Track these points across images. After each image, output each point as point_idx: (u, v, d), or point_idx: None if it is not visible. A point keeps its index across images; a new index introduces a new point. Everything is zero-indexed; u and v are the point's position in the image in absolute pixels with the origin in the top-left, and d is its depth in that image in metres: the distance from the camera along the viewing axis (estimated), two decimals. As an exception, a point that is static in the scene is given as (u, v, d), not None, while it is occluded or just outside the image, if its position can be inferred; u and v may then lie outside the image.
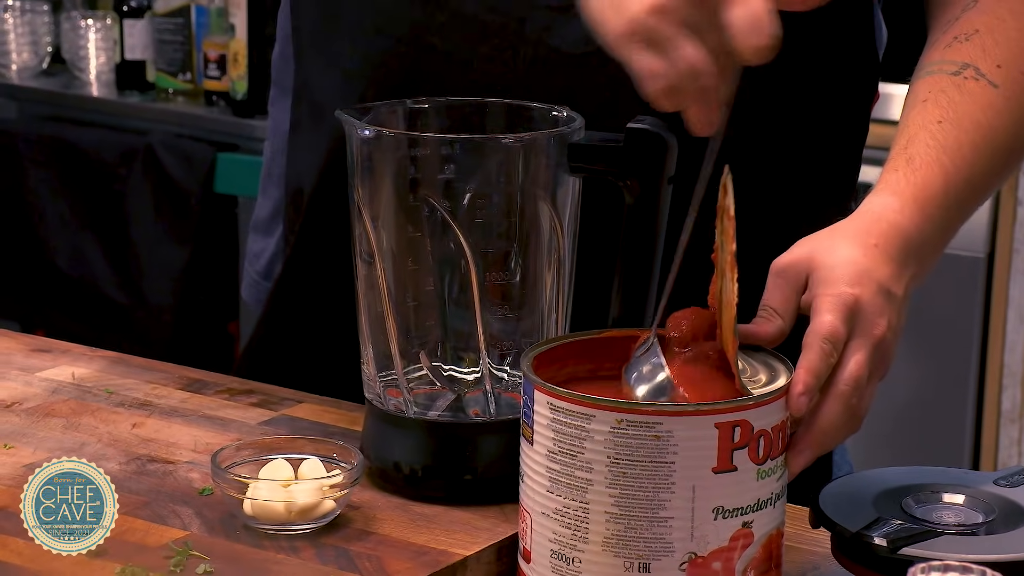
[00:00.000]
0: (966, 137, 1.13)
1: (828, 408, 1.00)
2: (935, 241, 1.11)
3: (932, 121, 1.13)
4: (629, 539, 0.95)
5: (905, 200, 1.09)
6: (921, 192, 1.09)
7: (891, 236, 1.06)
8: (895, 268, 1.05)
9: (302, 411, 1.26)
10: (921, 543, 1.00)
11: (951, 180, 1.11)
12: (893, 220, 1.07)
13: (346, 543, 1.04)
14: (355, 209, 1.11)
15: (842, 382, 1.00)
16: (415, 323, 1.11)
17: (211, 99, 3.09)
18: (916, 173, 1.11)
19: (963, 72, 1.16)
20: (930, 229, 1.09)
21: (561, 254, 1.10)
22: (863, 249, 1.04)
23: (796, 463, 0.99)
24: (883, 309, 1.03)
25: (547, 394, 0.97)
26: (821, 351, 0.99)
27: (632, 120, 1.09)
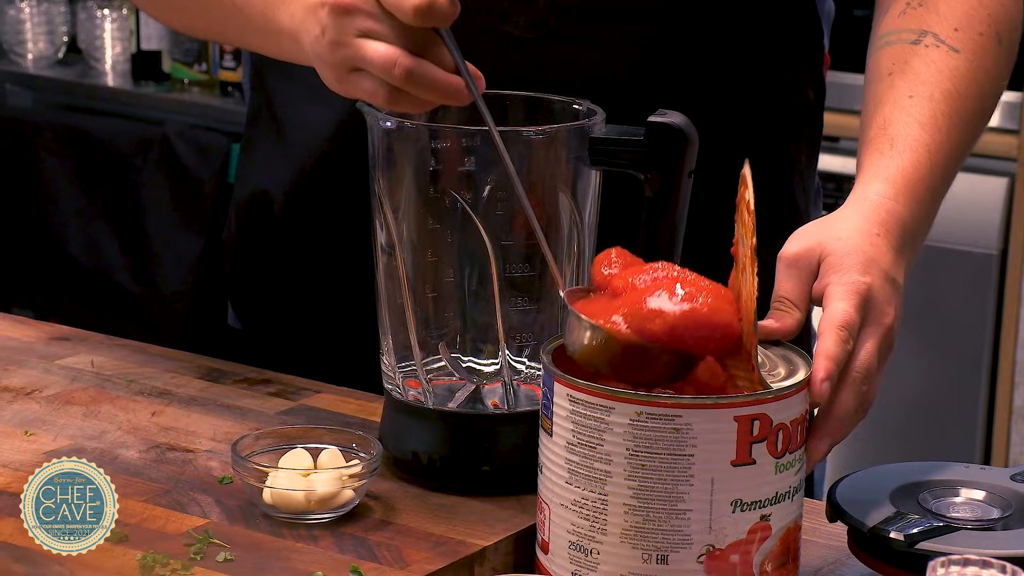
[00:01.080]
0: (939, 109, 1.13)
1: (844, 396, 1.01)
2: (925, 222, 1.12)
3: (903, 96, 1.13)
4: (647, 531, 0.95)
5: (898, 187, 1.09)
6: (911, 176, 1.10)
7: (891, 225, 1.07)
8: (896, 256, 1.06)
9: (320, 401, 1.26)
10: (938, 538, 1.00)
11: (935, 158, 1.12)
12: (891, 208, 1.08)
13: (365, 532, 1.04)
14: (375, 200, 1.11)
15: (855, 370, 1.01)
16: (434, 314, 1.11)
17: (226, 90, 3.10)
18: (902, 156, 1.11)
19: (923, 40, 1.16)
20: (920, 211, 1.10)
21: (581, 246, 1.11)
22: (868, 238, 1.05)
23: (817, 450, 1.00)
24: (891, 297, 1.04)
25: (567, 386, 0.97)
26: (839, 338, 1.00)
27: (653, 114, 1.09)
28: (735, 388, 1.01)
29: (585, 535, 0.97)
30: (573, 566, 0.98)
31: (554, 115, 1.13)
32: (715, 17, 1.24)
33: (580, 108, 1.13)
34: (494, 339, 1.10)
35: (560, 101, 1.14)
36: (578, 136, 1.09)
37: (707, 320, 0.96)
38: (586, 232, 1.11)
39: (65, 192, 3.10)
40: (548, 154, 1.08)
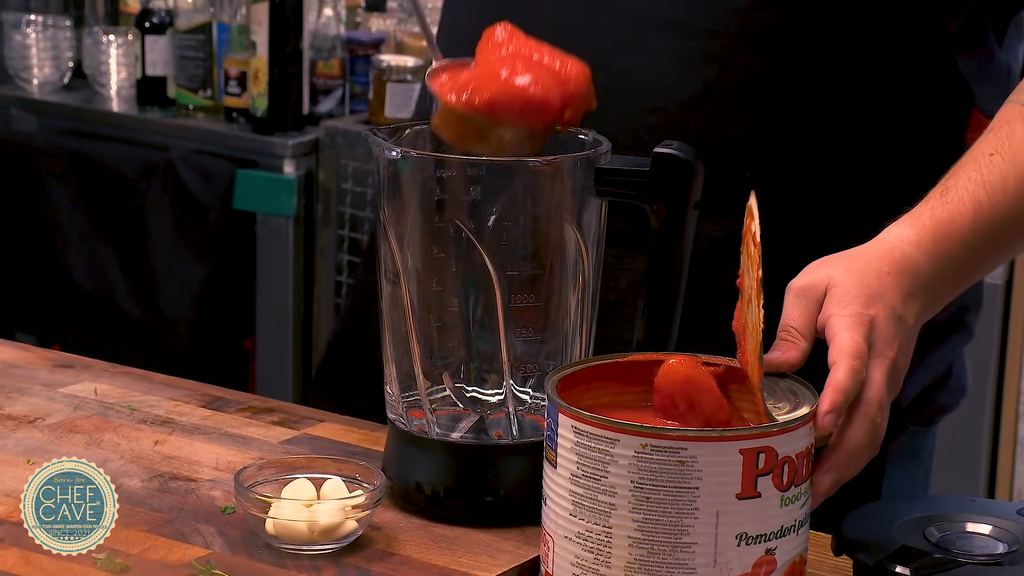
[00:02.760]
0: (1015, 171, 1.11)
1: (855, 429, 1.00)
2: (953, 277, 1.10)
3: (984, 153, 1.12)
4: (652, 564, 0.95)
5: (923, 234, 1.08)
6: (943, 227, 1.09)
7: (902, 267, 1.06)
8: (905, 296, 1.05)
9: (324, 430, 1.26)
10: (944, 573, 1.00)
11: (983, 216, 1.10)
12: (906, 252, 1.07)
13: (367, 563, 1.04)
14: (381, 229, 1.11)
15: (866, 403, 1.01)
16: (439, 344, 1.11)
17: (231, 116, 3.10)
18: (945, 207, 1.09)
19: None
20: (947, 266, 1.08)
21: (586, 277, 1.10)
22: (877, 275, 1.05)
23: (822, 484, 0.99)
24: (895, 332, 1.03)
25: (571, 417, 0.97)
26: (850, 369, 0.99)
27: (659, 145, 1.09)
28: (741, 421, 1.01)
29: (589, 568, 0.97)
30: None
31: (560, 145, 1.13)
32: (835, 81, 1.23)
33: (586, 138, 1.13)
34: (498, 369, 1.10)
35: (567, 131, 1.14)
36: (584, 166, 1.09)
37: (522, 93, 0.95)
38: (591, 262, 1.10)
39: (69, 217, 3.10)
40: (554, 184, 1.08)
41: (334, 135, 3.00)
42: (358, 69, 3.11)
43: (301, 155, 3.01)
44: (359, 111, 3.10)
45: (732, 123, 1.22)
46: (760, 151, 1.22)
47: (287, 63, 3.01)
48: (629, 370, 1.04)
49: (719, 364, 1.03)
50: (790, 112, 1.22)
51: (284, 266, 3.02)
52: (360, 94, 3.11)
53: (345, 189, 3.01)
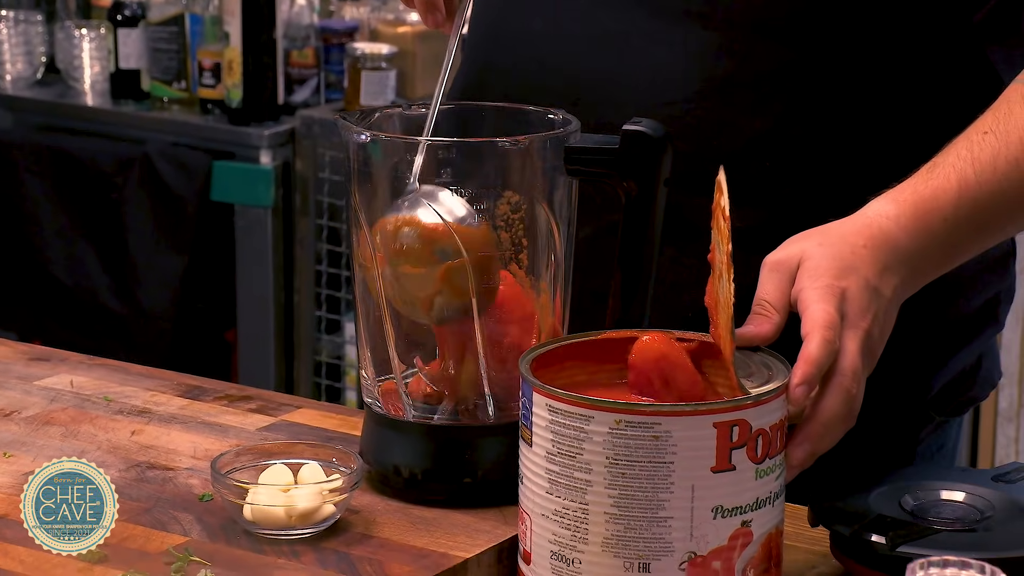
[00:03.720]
0: (1006, 151, 1.09)
1: (829, 400, 1.00)
2: (935, 254, 1.09)
3: (978, 131, 1.10)
4: (629, 539, 0.95)
5: (903, 209, 1.07)
6: (925, 203, 1.08)
7: (879, 241, 1.06)
8: (881, 269, 1.05)
9: (301, 416, 1.26)
10: (919, 541, 1.00)
11: (967, 195, 1.08)
12: (884, 226, 1.07)
13: (347, 547, 1.04)
14: (352, 214, 1.11)
15: (840, 373, 1.00)
16: (412, 327, 1.11)
17: (206, 107, 3.09)
18: (929, 183, 1.08)
19: None
20: (928, 242, 1.07)
21: (559, 256, 1.10)
22: (850, 248, 1.04)
23: (796, 456, 0.99)
24: (869, 303, 1.03)
25: (545, 396, 0.97)
26: (822, 340, 0.99)
27: (628, 122, 1.09)
28: (715, 395, 1.01)
29: (567, 544, 0.97)
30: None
31: (530, 125, 1.13)
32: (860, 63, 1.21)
33: (555, 118, 1.13)
34: (472, 350, 1.10)
35: (535, 111, 1.14)
36: (554, 146, 1.09)
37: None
38: (563, 241, 1.11)
39: (46, 212, 3.09)
40: (524, 164, 1.08)
41: (310, 124, 3.00)
42: (332, 58, 3.11)
43: (278, 145, 3.00)
44: (335, 100, 3.10)
45: (751, 114, 1.21)
46: (782, 142, 1.21)
47: (261, 53, 3.01)
48: (603, 348, 1.04)
49: (692, 340, 1.03)
50: (812, 103, 1.21)
51: (263, 257, 3.02)
52: (335, 83, 3.11)
53: (323, 178, 3.01)
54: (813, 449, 1.00)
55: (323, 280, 3.06)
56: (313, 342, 3.08)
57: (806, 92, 1.21)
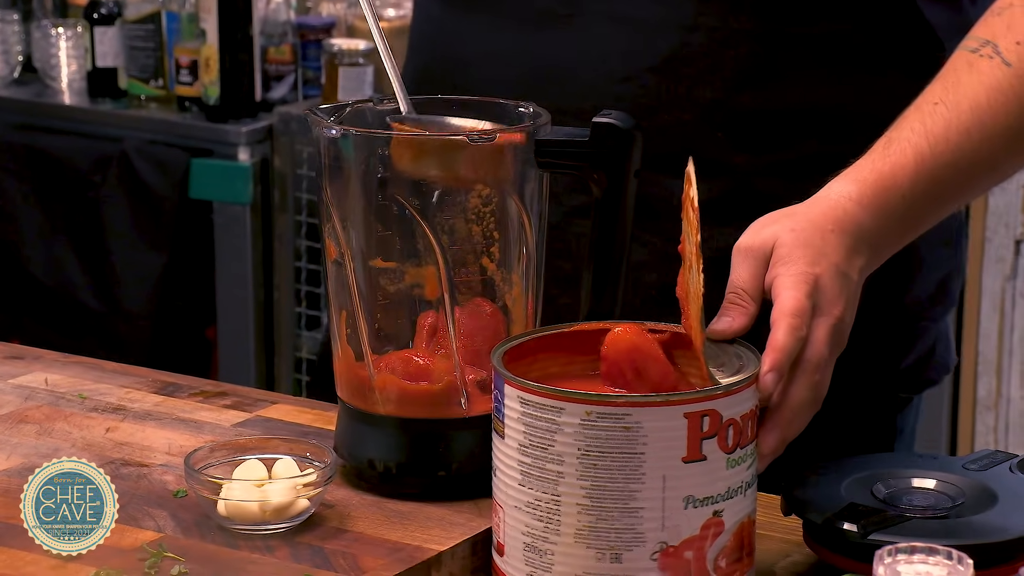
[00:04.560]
0: (958, 120, 1.09)
1: (796, 387, 1.01)
2: (896, 230, 1.10)
3: (928, 102, 1.10)
4: (601, 530, 0.96)
5: (864, 189, 1.08)
6: (884, 181, 1.08)
7: (845, 224, 1.06)
8: (848, 253, 1.05)
9: (276, 412, 1.26)
10: (891, 528, 1.01)
11: (924, 168, 1.09)
12: (848, 208, 1.07)
13: (321, 541, 1.04)
14: (323, 208, 1.11)
15: (807, 360, 1.01)
16: (385, 321, 1.11)
17: (183, 105, 3.09)
18: (887, 159, 1.09)
19: (981, 49, 1.12)
20: (889, 219, 1.08)
21: (530, 249, 1.11)
22: (820, 233, 1.05)
23: (766, 443, 1.00)
24: (840, 290, 1.04)
25: (517, 388, 0.97)
26: (790, 327, 1.00)
27: (598, 115, 1.09)
28: (688, 386, 1.02)
29: (539, 536, 0.97)
30: (528, 567, 0.98)
31: (499, 118, 1.13)
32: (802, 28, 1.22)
33: (525, 111, 1.13)
34: (446, 344, 1.10)
35: (505, 104, 1.14)
36: (526, 140, 1.09)
37: None
38: (534, 234, 1.11)
39: (24, 211, 3.09)
40: (494, 157, 1.08)
41: (288, 121, 3.00)
42: (310, 54, 3.10)
43: (255, 142, 3.00)
44: (312, 96, 3.09)
45: (701, 86, 1.22)
46: (731, 111, 1.22)
47: (238, 50, 3.00)
48: (576, 340, 1.05)
49: (664, 331, 1.04)
50: (759, 71, 1.22)
51: (242, 254, 3.02)
52: (313, 79, 3.10)
53: (301, 175, 3.00)
54: (783, 436, 1.01)
55: (303, 276, 3.06)
56: (293, 338, 3.08)
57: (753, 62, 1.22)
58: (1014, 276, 2.82)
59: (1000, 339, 2.83)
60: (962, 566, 0.80)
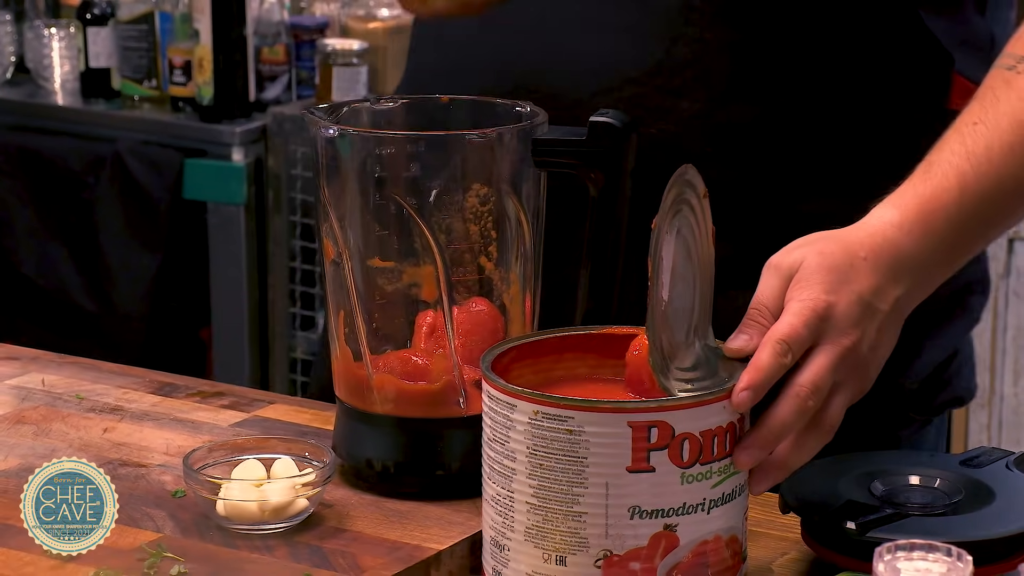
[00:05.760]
0: (999, 139, 1.06)
1: (780, 408, 0.98)
2: (943, 256, 1.06)
3: (968, 123, 1.08)
4: (547, 531, 0.95)
5: (906, 215, 1.05)
6: (928, 205, 1.05)
7: (883, 251, 1.03)
8: (880, 282, 1.02)
9: (274, 412, 1.26)
10: (890, 526, 1.01)
11: (968, 190, 1.06)
12: (888, 235, 1.04)
13: (320, 541, 1.04)
14: (321, 208, 1.11)
15: (798, 384, 0.98)
16: (383, 321, 1.11)
17: (177, 105, 3.09)
18: (928, 183, 1.06)
19: (1018, 66, 1.10)
20: (933, 244, 1.05)
21: (528, 248, 1.11)
22: (849, 260, 1.02)
23: (739, 459, 0.97)
24: (858, 320, 1.01)
25: (486, 382, 0.98)
26: (773, 350, 0.98)
27: (595, 114, 1.09)
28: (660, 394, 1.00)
29: (499, 530, 0.98)
30: (493, 561, 0.99)
31: (497, 118, 1.13)
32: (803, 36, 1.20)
33: (523, 110, 1.13)
34: (444, 344, 1.10)
35: (503, 104, 1.14)
36: (521, 138, 1.09)
37: None
38: (533, 234, 1.11)
39: (18, 213, 3.08)
40: (492, 157, 1.09)
41: (282, 121, 2.99)
42: (303, 54, 3.10)
43: (250, 142, 3.00)
44: (306, 96, 3.09)
45: (687, 98, 1.20)
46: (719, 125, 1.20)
47: (232, 50, 3.00)
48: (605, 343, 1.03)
49: None
50: (753, 84, 1.20)
51: (237, 254, 3.01)
52: (307, 79, 3.10)
53: (295, 175, 3.00)
54: (760, 454, 0.98)
55: (297, 277, 3.06)
56: (288, 339, 3.08)
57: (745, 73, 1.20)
58: (1007, 274, 2.83)
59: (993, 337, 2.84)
60: (961, 563, 0.81)
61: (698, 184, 0.99)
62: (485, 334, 1.10)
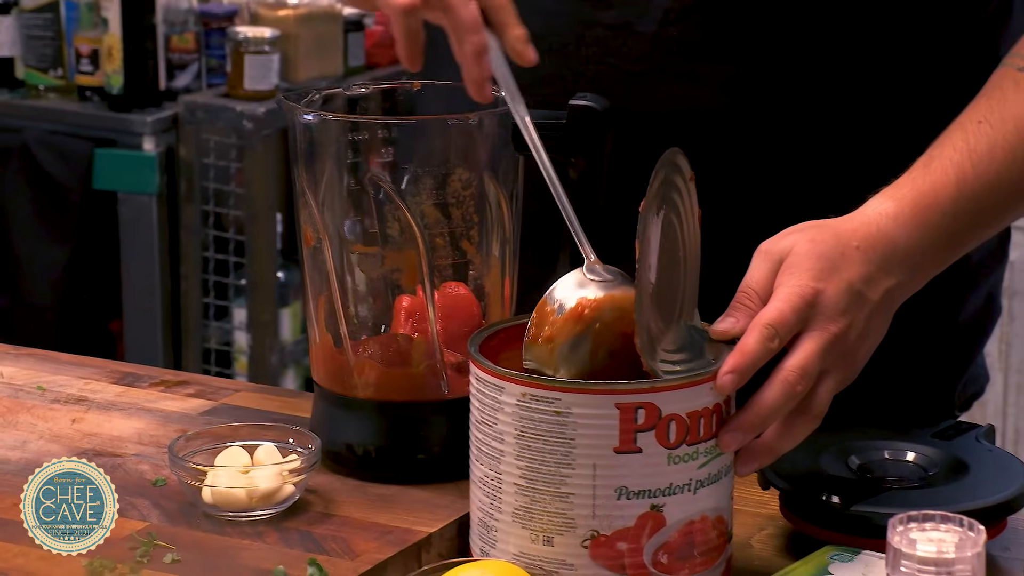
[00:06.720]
0: (1003, 140, 1.07)
1: (767, 392, 0.99)
2: (937, 250, 1.07)
3: (972, 120, 1.08)
4: (535, 512, 0.96)
5: (902, 207, 1.05)
6: (924, 199, 1.05)
7: (876, 241, 1.04)
8: (872, 271, 1.03)
9: (242, 399, 1.25)
10: (873, 499, 1.03)
11: (967, 187, 1.06)
12: (883, 226, 1.04)
13: (309, 526, 1.04)
14: (299, 194, 1.11)
15: (786, 368, 0.99)
16: (363, 305, 1.11)
17: (84, 95, 3.04)
18: (927, 177, 1.06)
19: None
20: (927, 238, 1.05)
21: (507, 231, 1.11)
22: (842, 248, 1.02)
23: (724, 441, 0.98)
24: (847, 308, 1.01)
25: (474, 365, 0.98)
26: (760, 335, 0.98)
27: (574, 97, 1.10)
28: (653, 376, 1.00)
29: (487, 512, 0.98)
30: (481, 542, 0.99)
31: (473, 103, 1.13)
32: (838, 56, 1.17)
33: (498, 95, 1.13)
34: (424, 329, 1.10)
35: (477, 88, 1.14)
36: (502, 123, 1.10)
37: None
38: (512, 216, 1.12)
39: (-77, 205, 3.02)
40: (472, 141, 1.09)
41: (193, 110, 2.97)
42: (213, 42, 3.07)
43: (161, 131, 2.96)
44: (216, 84, 3.06)
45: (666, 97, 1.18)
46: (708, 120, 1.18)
47: (141, 39, 2.97)
48: None
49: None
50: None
51: (149, 244, 2.98)
52: (216, 67, 3.07)
53: (207, 164, 2.97)
54: (745, 437, 0.98)
55: (210, 267, 3.03)
56: (201, 329, 3.05)
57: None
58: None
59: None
60: (973, 532, 0.83)
61: (685, 168, 1.00)
62: (464, 317, 1.11)
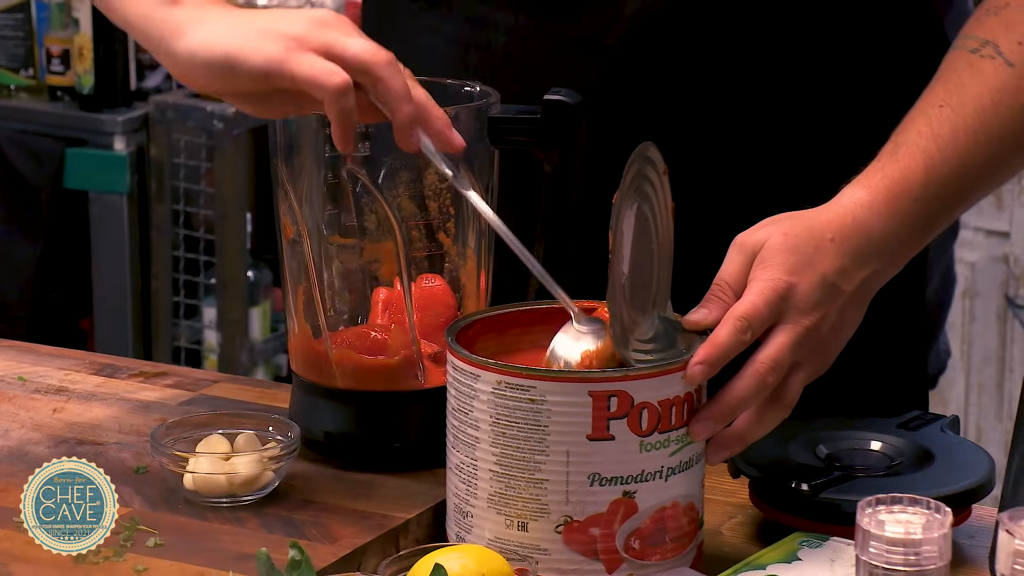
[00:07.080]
0: (964, 123, 1.09)
1: (739, 382, 1.00)
2: (908, 236, 1.08)
3: (933, 105, 1.10)
4: (509, 498, 0.98)
5: (875, 195, 1.07)
6: (896, 186, 1.07)
7: (851, 232, 1.05)
8: (847, 263, 1.04)
9: (220, 390, 1.27)
10: (841, 487, 1.06)
11: (935, 172, 1.08)
12: (858, 216, 1.06)
13: (289, 512, 1.06)
14: (279, 189, 1.13)
15: (758, 360, 1.01)
16: (342, 297, 1.13)
17: (55, 94, 3.05)
18: (896, 164, 1.08)
19: (982, 50, 1.11)
20: (901, 225, 1.07)
21: (483, 224, 1.13)
22: (815, 241, 1.04)
23: (694, 430, 1.00)
24: (820, 301, 1.03)
25: (451, 353, 1.00)
26: (732, 327, 1.00)
27: (548, 92, 1.12)
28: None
29: (463, 498, 1.00)
30: (457, 528, 1.01)
31: (449, 97, 1.15)
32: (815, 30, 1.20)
33: (472, 90, 1.16)
34: (401, 320, 1.12)
35: (453, 84, 1.17)
36: (476, 117, 1.12)
37: None
38: (488, 210, 1.14)
39: None
40: (449, 135, 1.11)
41: (164, 109, 2.98)
42: (184, 42, 3.08)
43: (131, 131, 2.98)
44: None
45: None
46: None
47: (112, 39, 2.97)
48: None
49: None
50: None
51: (119, 244, 2.99)
52: (187, 68, 3.08)
53: (178, 163, 2.99)
54: (715, 426, 1.00)
55: (180, 266, 3.05)
56: (171, 328, 3.06)
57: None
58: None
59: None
60: (940, 514, 0.85)
61: (658, 161, 1.02)
62: (441, 308, 1.13)
